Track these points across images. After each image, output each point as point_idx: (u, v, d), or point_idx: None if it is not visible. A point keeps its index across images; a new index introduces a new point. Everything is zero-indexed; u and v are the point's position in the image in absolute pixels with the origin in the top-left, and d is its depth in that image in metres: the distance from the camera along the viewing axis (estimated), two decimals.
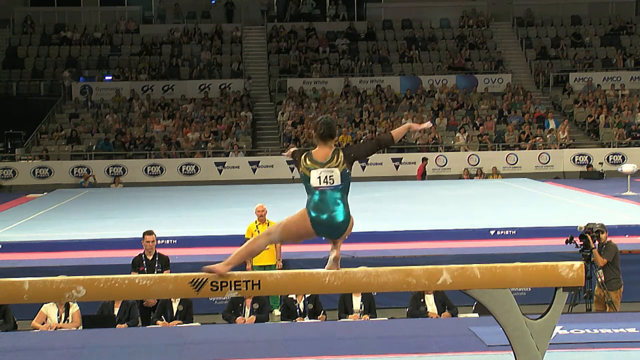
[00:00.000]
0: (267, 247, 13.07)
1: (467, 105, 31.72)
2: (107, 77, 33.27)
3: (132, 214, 19.30)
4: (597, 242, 11.83)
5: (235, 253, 6.08)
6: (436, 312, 11.34)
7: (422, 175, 27.14)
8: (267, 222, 13.24)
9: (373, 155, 6.51)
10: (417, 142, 28.91)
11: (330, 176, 5.95)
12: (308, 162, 6.01)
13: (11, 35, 35.49)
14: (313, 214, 5.94)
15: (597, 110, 30.87)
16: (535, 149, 28.81)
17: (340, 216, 5.95)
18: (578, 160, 28.50)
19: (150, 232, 12.05)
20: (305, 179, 6.02)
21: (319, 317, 11.47)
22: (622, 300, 11.90)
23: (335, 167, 5.95)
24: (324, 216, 5.92)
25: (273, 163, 27.85)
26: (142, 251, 12.08)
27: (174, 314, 11.33)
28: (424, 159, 27.39)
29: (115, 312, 11.07)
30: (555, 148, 28.73)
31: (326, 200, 5.93)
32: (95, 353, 8.75)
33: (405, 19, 36.91)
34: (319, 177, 5.96)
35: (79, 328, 10.76)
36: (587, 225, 11.93)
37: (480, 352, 8.29)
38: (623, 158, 28.15)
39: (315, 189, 5.96)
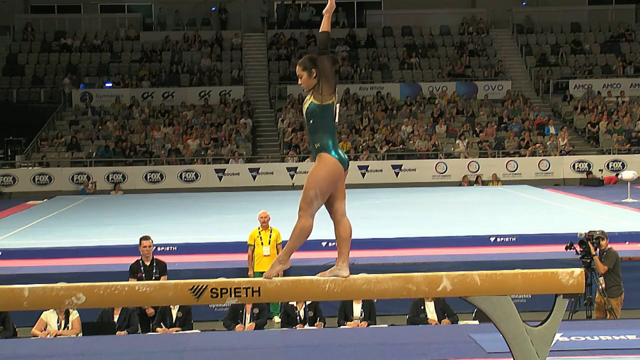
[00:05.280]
0: (269, 252, 13.13)
1: (467, 112, 31.73)
2: (107, 84, 33.30)
3: (132, 220, 19.29)
4: (597, 249, 11.82)
5: (289, 247, 5.86)
6: (436, 319, 11.33)
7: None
8: (269, 228, 13.25)
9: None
10: (417, 150, 28.91)
11: (338, 110, 5.78)
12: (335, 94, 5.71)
13: (11, 42, 35.53)
14: (344, 156, 5.77)
15: (597, 117, 30.88)
16: (535, 156, 28.83)
17: None
18: (578, 167, 28.50)
19: (146, 237, 12.05)
20: (331, 114, 5.74)
21: (315, 324, 11.46)
22: (623, 307, 11.90)
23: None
24: (345, 155, 5.82)
25: (273, 170, 27.85)
26: (139, 257, 12.08)
27: (173, 321, 11.33)
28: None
29: (115, 319, 11.07)
30: (556, 155, 28.73)
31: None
32: None
33: (405, 26, 36.96)
34: (337, 113, 5.77)
35: (79, 335, 10.76)
36: (587, 232, 11.93)
37: (480, 359, 8.28)
38: (623, 165, 28.14)
39: (334, 126, 5.74)
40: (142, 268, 11.92)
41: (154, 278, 11.61)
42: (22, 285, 5.75)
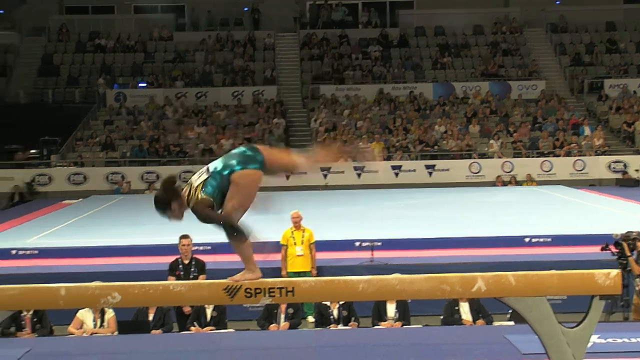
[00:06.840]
0: (302, 252, 13.12)
1: (500, 112, 31.54)
2: (141, 84, 33.52)
3: (166, 220, 19.31)
4: (634, 251, 11.69)
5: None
6: (471, 320, 11.26)
7: None
8: (302, 228, 13.25)
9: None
10: (451, 150, 28.79)
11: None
12: None
13: (47, 43, 35.89)
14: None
15: (633, 117, 30.58)
16: (570, 156, 28.58)
17: None
18: (614, 168, 28.22)
19: (185, 236, 12.05)
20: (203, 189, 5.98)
21: (349, 324, 11.44)
22: None
23: None
24: None
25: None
26: (178, 256, 12.12)
27: (208, 320, 11.36)
28: None
29: (150, 318, 11.13)
30: (591, 155, 28.47)
31: None
32: (129, 358, 8.81)
33: (437, 26, 36.81)
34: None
35: (114, 333, 10.83)
36: (623, 233, 11.80)
37: None
38: None
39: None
40: (180, 266, 11.94)
41: (192, 277, 11.63)
42: (58, 284, 5.80)
